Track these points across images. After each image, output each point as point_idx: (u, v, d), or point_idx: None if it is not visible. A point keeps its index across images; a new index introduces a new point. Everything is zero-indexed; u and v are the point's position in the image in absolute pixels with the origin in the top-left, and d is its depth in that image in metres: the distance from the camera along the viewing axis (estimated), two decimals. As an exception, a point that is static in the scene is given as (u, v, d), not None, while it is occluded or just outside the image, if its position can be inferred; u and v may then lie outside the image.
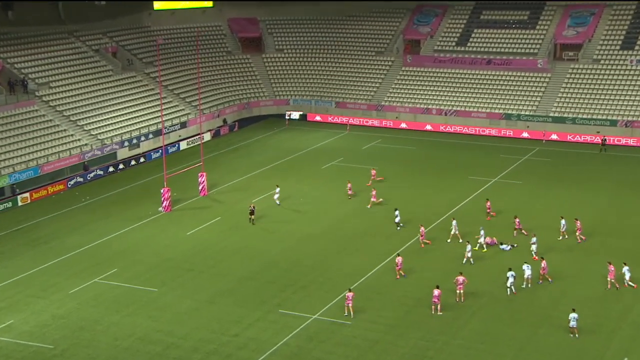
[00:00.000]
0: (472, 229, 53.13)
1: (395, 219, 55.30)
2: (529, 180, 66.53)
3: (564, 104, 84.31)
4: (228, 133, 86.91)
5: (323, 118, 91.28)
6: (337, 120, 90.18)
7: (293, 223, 57.05)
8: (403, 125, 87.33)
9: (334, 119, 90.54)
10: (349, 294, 42.35)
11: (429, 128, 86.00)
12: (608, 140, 77.23)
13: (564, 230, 52.56)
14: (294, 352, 38.77)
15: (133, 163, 74.38)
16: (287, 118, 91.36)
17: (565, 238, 52.47)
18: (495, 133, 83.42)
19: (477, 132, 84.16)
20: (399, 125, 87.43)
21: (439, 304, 42.28)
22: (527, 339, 39.66)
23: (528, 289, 45.04)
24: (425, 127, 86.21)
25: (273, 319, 42.10)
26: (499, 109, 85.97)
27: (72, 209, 61.76)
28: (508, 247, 51.23)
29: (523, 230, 53.24)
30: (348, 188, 62.42)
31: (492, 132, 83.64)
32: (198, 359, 38.26)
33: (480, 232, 51.60)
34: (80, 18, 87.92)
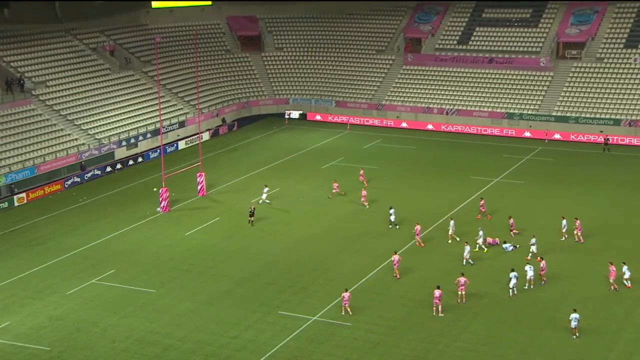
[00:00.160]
0: (472, 230, 52.75)
1: (390, 217, 54.92)
2: (531, 181, 66.15)
3: (567, 103, 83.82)
4: (227, 132, 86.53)
5: (323, 117, 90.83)
6: (337, 120, 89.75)
7: (293, 223, 56.75)
8: (404, 125, 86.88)
9: (334, 119, 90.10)
10: (345, 294, 42.29)
11: (430, 127, 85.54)
12: (611, 140, 76.72)
13: (565, 231, 52.27)
14: (294, 354, 38.55)
15: (131, 163, 74.03)
16: (286, 117, 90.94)
17: (566, 238, 52.17)
18: (497, 132, 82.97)
19: (478, 131, 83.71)
20: (400, 125, 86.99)
21: (440, 305, 42.04)
22: (529, 341, 39.40)
23: (530, 290, 44.75)
24: (427, 126, 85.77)
25: (272, 321, 41.87)
26: (501, 108, 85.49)
27: (69, 210, 61.44)
28: (510, 247, 50.80)
29: (515, 230, 52.97)
30: (334, 187, 61.94)
31: (494, 131, 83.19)
32: (196, 362, 38.05)
33: (479, 232, 51.19)
34: (77, 16, 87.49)
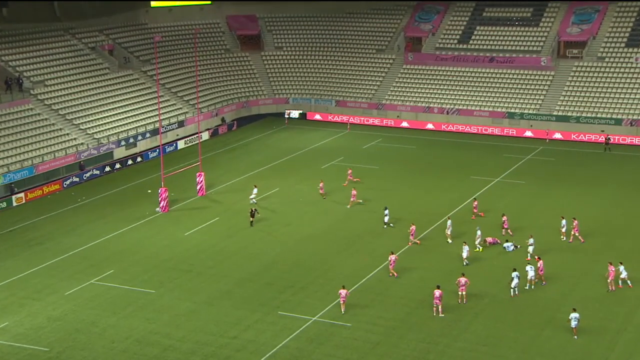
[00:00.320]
0: (471, 230, 52.50)
1: (385, 218, 54.73)
2: (532, 180, 65.96)
3: (568, 103, 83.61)
4: (226, 132, 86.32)
5: (323, 117, 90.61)
6: (337, 119, 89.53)
7: (292, 224, 56.58)
8: (404, 124, 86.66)
9: (334, 118, 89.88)
10: (342, 291, 42.26)
11: (431, 127, 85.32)
12: (612, 140, 76.49)
13: (565, 231, 52.11)
14: (294, 354, 38.40)
15: (130, 163, 73.84)
16: (286, 117, 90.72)
17: (565, 239, 51.95)
18: (498, 132, 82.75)
19: (479, 131, 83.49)
20: (400, 124, 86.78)
21: (441, 305, 41.88)
22: (530, 341, 39.27)
23: (531, 290, 44.60)
24: (427, 126, 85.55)
25: (272, 321, 41.72)
26: (502, 108, 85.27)
27: (67, 210, 61.23)
28: (511, 247, 50.57)
29: (508, 230, 52.79)
30: (320, 187, 61.74)
31: (494, 131, 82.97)
32: (195, 363, 37.90)
33: (477, 232, 50.97)
34: (76, 15, 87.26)
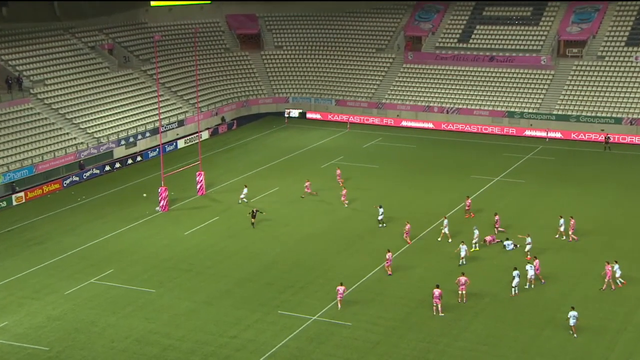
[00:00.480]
0: (468, 229, 52.43)
1: (379, 217, 54.71)
2: (532, 180, 65.92)
3: (568, 102, 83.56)
4: (226, 131, 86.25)
5: (323, 116, 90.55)
6: (337, 119, 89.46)
7: (292, 223, 56.50)
8: (404, 124, 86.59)
9: (334, 117, 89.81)
10: (340, 288, 42.43)
11: (431, 126, 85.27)
12: (612, 139, 76.43)
13: (563, 230, 52.07)
14: (294, 354, 38.37)
15: (130, 162, 73.78)
16: (286, 116, 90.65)
17: (564, 238, 51.95)
18: (498, 131, 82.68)
19: (479, 130, 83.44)
20: (400, 124, 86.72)
21: (440, 304, 41.83)
22: (530, 341, 39.26)
23: (531, 290, 44.58)
24: (427, 125, 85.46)
25: (272, 321, 41.69)
26: (502, 107, 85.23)
27: (67, 209, 61.18)
28: (511, 245, 50.50)
29: (500, 228, 52.83)
30: (306, 187, 61.68)
31: (494, 130, 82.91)
32: (195, 362, 37.86)
33: (475, 232, 50.89)
34: (76, 14, 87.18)
